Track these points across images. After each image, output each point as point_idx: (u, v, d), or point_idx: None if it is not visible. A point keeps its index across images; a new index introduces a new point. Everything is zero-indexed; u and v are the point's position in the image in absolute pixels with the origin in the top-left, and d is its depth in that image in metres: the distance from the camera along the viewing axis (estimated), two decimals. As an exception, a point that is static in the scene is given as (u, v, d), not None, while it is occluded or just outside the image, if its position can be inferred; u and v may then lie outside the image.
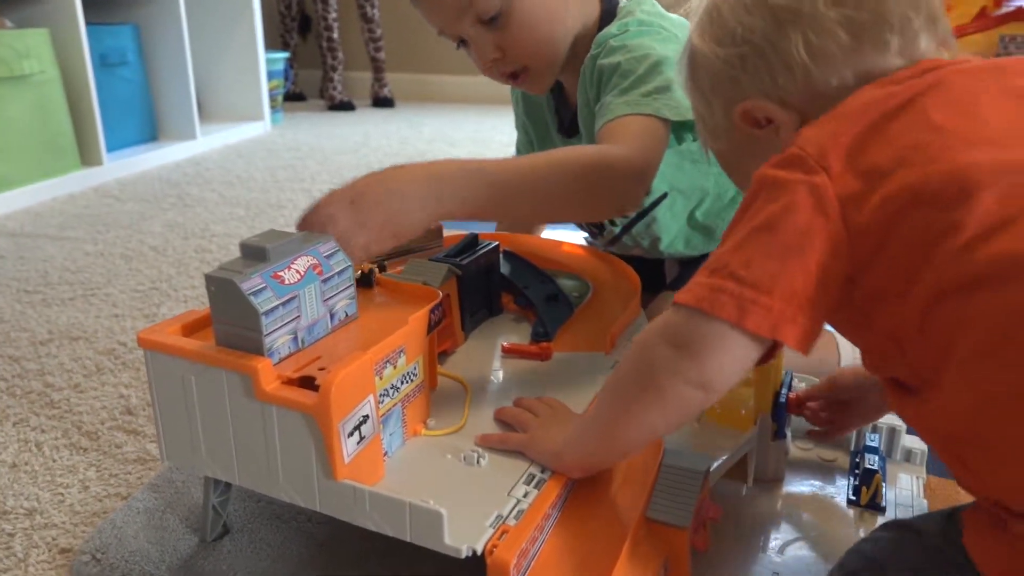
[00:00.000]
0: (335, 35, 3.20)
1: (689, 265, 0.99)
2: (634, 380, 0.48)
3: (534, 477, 0.52)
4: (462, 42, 0.83)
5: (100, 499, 0.70)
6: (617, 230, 0.96)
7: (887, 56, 0.47)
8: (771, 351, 0.45)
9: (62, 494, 0.71)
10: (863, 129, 0.43)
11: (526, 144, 1.06)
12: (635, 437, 0.49)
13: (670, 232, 0.94)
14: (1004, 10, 2.13)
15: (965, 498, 0.45)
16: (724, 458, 0.61)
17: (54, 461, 0.77)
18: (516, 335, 0.72)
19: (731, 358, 0.43)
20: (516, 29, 0.80)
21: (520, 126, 1.06)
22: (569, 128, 0.95)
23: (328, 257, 0.56)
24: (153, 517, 0.65)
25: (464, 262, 0.69)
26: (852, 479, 0.66)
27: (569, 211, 0.73)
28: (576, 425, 0.53)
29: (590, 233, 1.04)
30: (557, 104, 0.96)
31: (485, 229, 0.91)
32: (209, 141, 2.38)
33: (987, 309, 0.38)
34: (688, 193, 0.92)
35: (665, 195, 0.91)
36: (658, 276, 1.02)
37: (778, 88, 0.49)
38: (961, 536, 0.43)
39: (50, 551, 0.64)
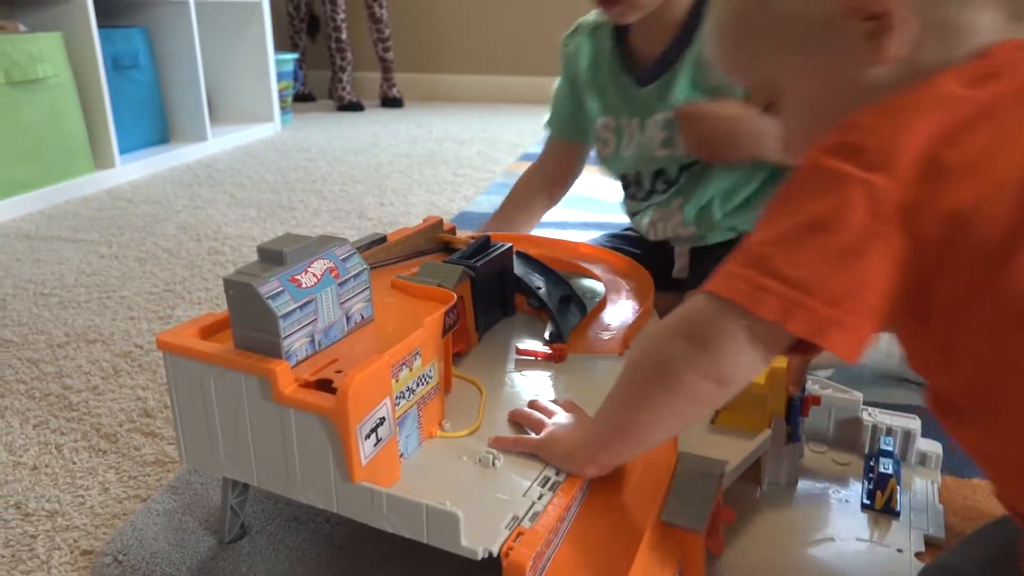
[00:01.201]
0: (344, 36, 3.21)
1: (699, 259, 0.99)
2: (649, 375, 0.47)
3: (549, 479, 0.52)
4: None
5: (120, 501, 0.71)
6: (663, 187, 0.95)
7: (1021, 25, 0.41)
8: (810, 347, 0.41)
9: (83, 496, 0.72)
10: (938, 129, 0.38)
11: (568, 118, 1.04)
12: (649, 431, 0.49)
13: (708, 192, 0.93)
14: None
15: (984, 502, 0.43)
16: (738, 461, 0.61)
17: (74, 463, 0.78)
18: (530, 336, 0.73)
19: (752, 355, 0.42)
20: None
21: (566, 96, 1.04)
22: (646, 77, 0.93)
23: (344, 260, 0.57)
24: (172, 519, 0.66)
25: (478, 264, 0.69)
26: (866, 483, 0.66)
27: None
28: (590, 423, 0.54)
29: (625, 191, 1.04)
30: (623, 54, 0.95)
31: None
32: (220, 143, 2.40)
33: None
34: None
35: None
36: (667, 270, 1.02)
37: None
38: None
39: (72, 553, 0.64)
